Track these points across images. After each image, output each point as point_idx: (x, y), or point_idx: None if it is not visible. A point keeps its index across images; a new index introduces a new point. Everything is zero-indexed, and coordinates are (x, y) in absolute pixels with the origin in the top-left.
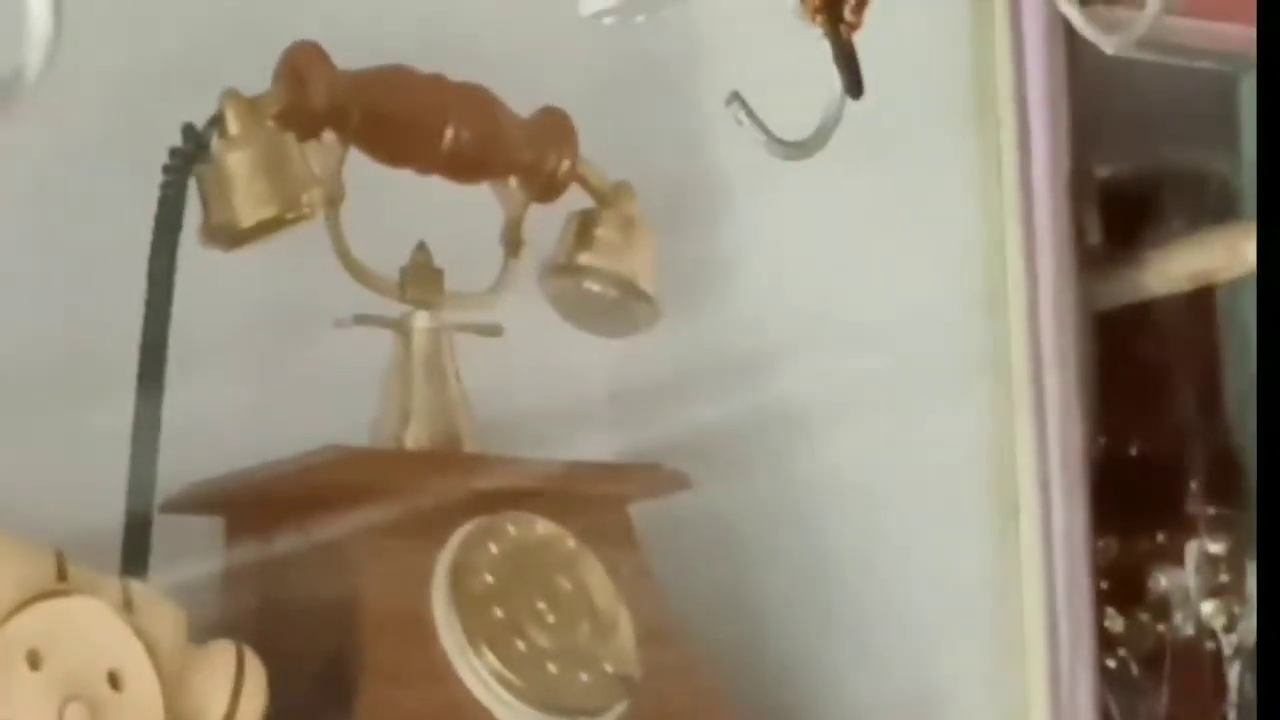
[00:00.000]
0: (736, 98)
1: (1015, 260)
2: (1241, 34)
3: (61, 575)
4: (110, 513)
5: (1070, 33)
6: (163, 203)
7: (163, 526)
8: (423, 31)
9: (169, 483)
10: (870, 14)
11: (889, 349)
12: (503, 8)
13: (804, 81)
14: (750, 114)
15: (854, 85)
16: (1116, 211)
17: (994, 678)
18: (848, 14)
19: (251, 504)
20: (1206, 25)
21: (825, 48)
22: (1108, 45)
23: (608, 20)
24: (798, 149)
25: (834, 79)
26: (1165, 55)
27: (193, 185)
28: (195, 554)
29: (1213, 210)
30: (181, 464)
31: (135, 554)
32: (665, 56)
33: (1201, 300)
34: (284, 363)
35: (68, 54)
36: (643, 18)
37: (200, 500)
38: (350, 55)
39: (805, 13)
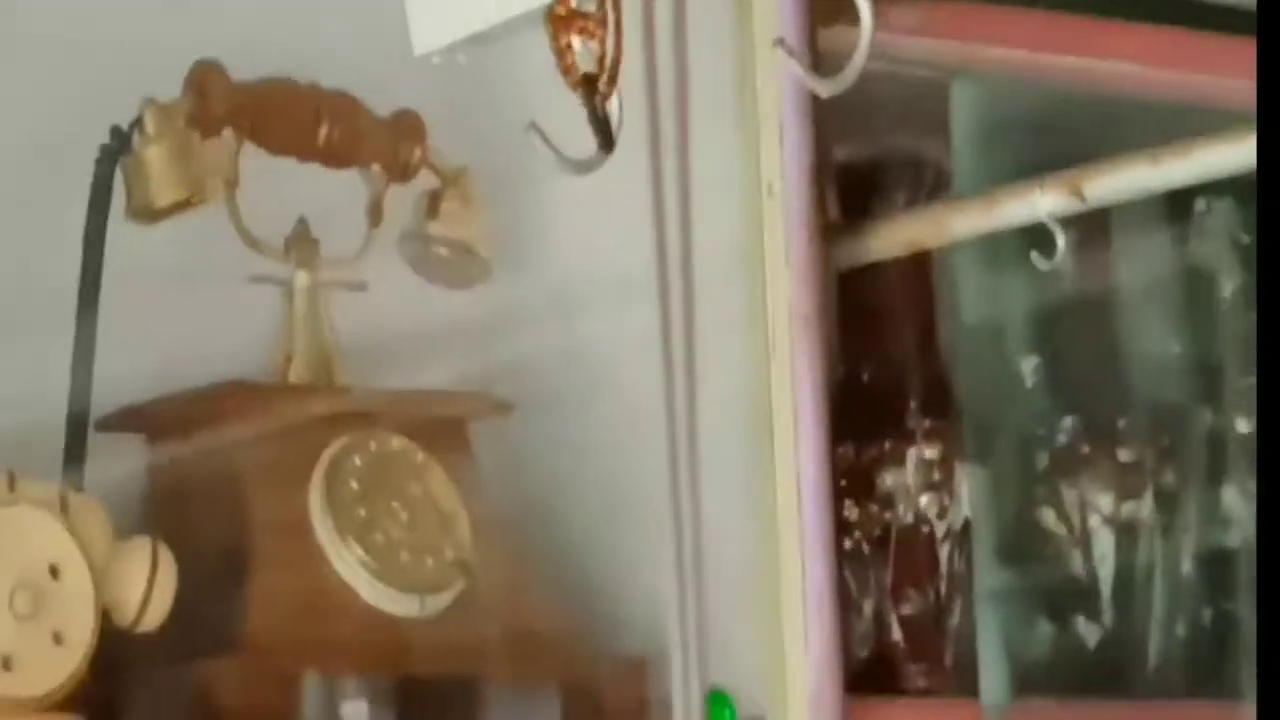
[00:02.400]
0: (534, 126)
1: (772, 230)
2: (949, 47)
3: (11, 487)
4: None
5: (811, 49)
6: (94, 186)
7: (96, 442)
8: (303, 49)
9: (102, 405)
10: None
11: (676, 302)
12: (368, 31)
13: None
14: (544, 139)
15: (605, 144)
16: (852, 190)
17: (757, 556)
18: (602, 86)
19: (168, 425)
20: (918, 41)
21: None
22: (823, 91)
23: (435, 59)
24: (581, 166)
25: None
26: (886, 65)
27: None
28: (122, 465)
29: (929, 189)
30: (114, 387)
31: (73, 464)
32: (497, 73)
33: (921, 262)
34: (194, 313)
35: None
36: (464, 59)
37: (127, 420)
38: (245, 69)
39: (570, 84)
